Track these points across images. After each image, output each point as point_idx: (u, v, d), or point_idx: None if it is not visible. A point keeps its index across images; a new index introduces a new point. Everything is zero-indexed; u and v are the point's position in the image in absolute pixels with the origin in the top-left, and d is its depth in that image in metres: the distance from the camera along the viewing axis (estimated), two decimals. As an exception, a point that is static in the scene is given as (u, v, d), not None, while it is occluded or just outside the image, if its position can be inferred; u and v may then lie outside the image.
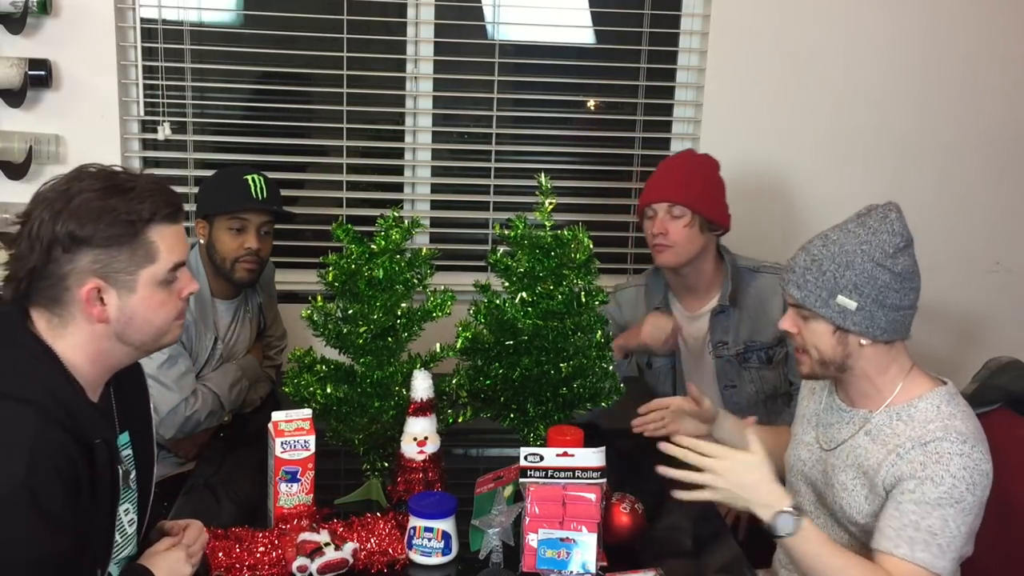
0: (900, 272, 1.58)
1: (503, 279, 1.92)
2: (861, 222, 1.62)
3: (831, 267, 1.59)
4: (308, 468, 1.74)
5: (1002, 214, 3.12)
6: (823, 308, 1.59)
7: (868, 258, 1.57)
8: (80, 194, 1.34)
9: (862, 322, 1.59)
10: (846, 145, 3.03)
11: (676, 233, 2.30)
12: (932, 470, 1.54)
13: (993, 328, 3.14)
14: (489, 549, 1.65)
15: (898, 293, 1.58)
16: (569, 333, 1.88)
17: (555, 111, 3.06)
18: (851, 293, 1.57)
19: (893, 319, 1.60)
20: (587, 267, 1.89)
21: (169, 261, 1.40)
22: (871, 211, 1.63)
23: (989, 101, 3.04)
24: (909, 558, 1.53)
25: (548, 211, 1.89)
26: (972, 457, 1.55)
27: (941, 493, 1.53)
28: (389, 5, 2.90)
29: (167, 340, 1.46)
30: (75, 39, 2.68)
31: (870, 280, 1.57)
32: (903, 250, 1.59)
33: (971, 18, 2.98)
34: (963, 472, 1.53)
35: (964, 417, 1.60)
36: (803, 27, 2.94)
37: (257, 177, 2.26)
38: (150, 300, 1.39)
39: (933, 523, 1.53)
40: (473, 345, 1.93)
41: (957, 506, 1.53)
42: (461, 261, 3.12)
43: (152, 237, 1.38)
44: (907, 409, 1.63)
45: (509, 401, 1.94)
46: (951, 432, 1.56)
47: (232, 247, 2.25)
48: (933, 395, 1.63)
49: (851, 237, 1.60)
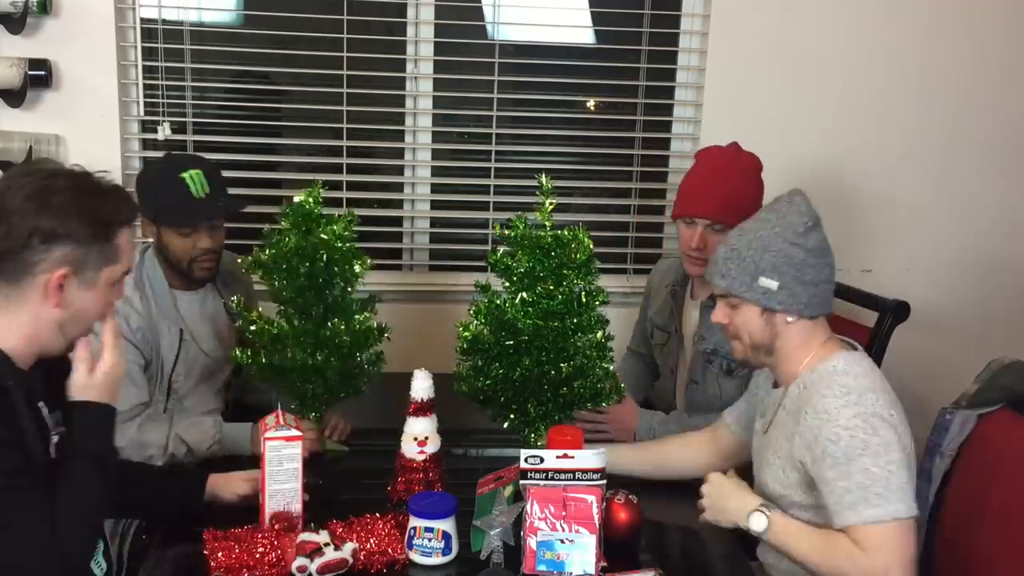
0: (813, 248, 1.68)
1: (503, 279, 1.92)
2: (771, 208, 1.73)
3: (749, 253, 1.69)
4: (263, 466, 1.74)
5: (1002, 215, 3.12)
6: (748, 292, 1.69)
7: (782, 239, 1.67)
8: (63, 191, 1.44)
9: (786, 299, 1.67)
10: (846, 145, 3.02)
11: (714, 249, 2.26)
12: (826, 431, 1.58)
13: (994, 328, 3.14)
14: (490, 549, 1.65)
15: (814, 268, 1.68)
16: (569, 333, 1.89)
17: (555, 111, 3.06)
18: (771, 274, 1.67)
19: (813, 294, 1.68)
20: (587, 267, 1.89)
21: (127, 264, 1.53)
22: (778, 199, 1.74)
23: (989, 101, 3.04)
24: (860, 521, 1.54)
25: (548, 211, 1.89)
26: (861, 404, 1.59)
27: (844, 448, 1.56)
28: (389, 5, 2.90)
29: (83, 334, 1.55)
30: (75, 39, 2.68)
31: (787, 259, 1.67)
32: (812, 228, 1.69)
33: (970, 19, 2.98)
34: (855, 420, 1.57)
35: (856, 375, 1.65)
36: (803, 27, 2.94)
37: (196, 173, 2.09)
38: (101, 297, 1.50)
39: (857, 479, 1.55)
40: (473, 345, 1.93)
41: (867, 452, 1.55)
42: (461, 261, 3.12)
43: (119, 240, 1.49)
44: (809, 375, 1.70)
45: (509, 401, 1.94)
46: (834, 387, 1.62)
47: (184, 249, 2.14)
48: (833, 357, 1.69)
49: (763, 224, 1.71)
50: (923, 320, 2.50)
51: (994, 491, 1.86)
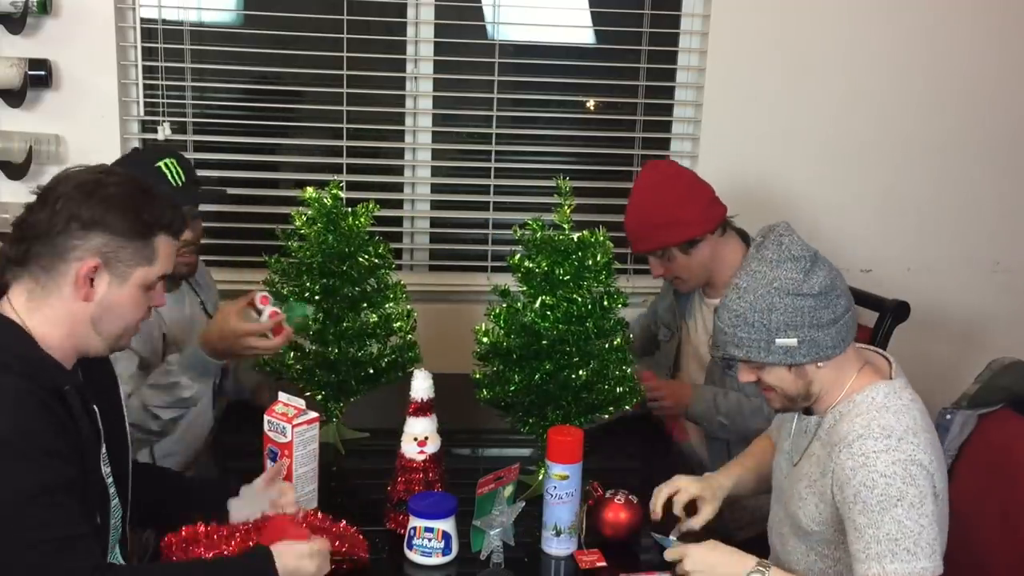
0: (820, 292, 1.57)
1: (521, 283, 1.88)
2: (760, 257, 1.60)
3: (755, 316, 1.57)
4: (285, 455, 1.75)
5: (1002, 215, 3.12)
6: (768, 356, 1.59)
7: (784, 293, 1.56)
8: (113, 185, 1.46)
9: (809, 351, 1.58)
10: (846, 146, 3.02)
11: (680, 269, 2.31)
12: (861, 475, 1.50)
13: (994, 329, 3.14)
14: (490, 549, 1.65)
15: (828, 309, 1.57)
16: (592, 337, 1.86)
17: (555, 111, 3.06)
18: (787, 332, 1.57)
19: (835, 333, 1.58)
20: (608, 270, 1.87)
21: (162, 270, 1.53)
22: (765, 240, 1.61)
23: (989, 103, 3.04)
24: (881, 573, 1.49)
25: (568, 214, 1.87)
26: (900, 450, 1.50)
27: (878, 496, 1.49)
28: (389, 5, 2.89)
29: (124, 342, 1.56)
30: (75, 39, 2.68)
31: (796, 312, 1.56)
32: (811, 271, 1.57)
33: (971, 21, 2.98)
34: (892, 468, 1.49)
35: (898, 411, 1.56)
36: (803, 27, 2.94)
37: (171, 161, 2.11)
38: (132, 297, 1.50)
39: (888, 529, 1.48)
40: (492, 350, 1.90)
41: (902, 503, 1.48)
42: (461, 261, 3.12)
43: (158, 244, 1.50)
44: (847, 406, 1.61)
45: (530, 406, 1.92)
46: (873, 429, 1.53)
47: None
48: (872, 388, 1.60)
49: (759, 279, 1.58)
50: (923, 320, 2.50)
51: (994, 491, 1.86)
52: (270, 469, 1.74)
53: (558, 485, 1.70)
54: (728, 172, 2.99)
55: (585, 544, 1.74)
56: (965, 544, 1.80)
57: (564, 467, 1.70)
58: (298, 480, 1.76)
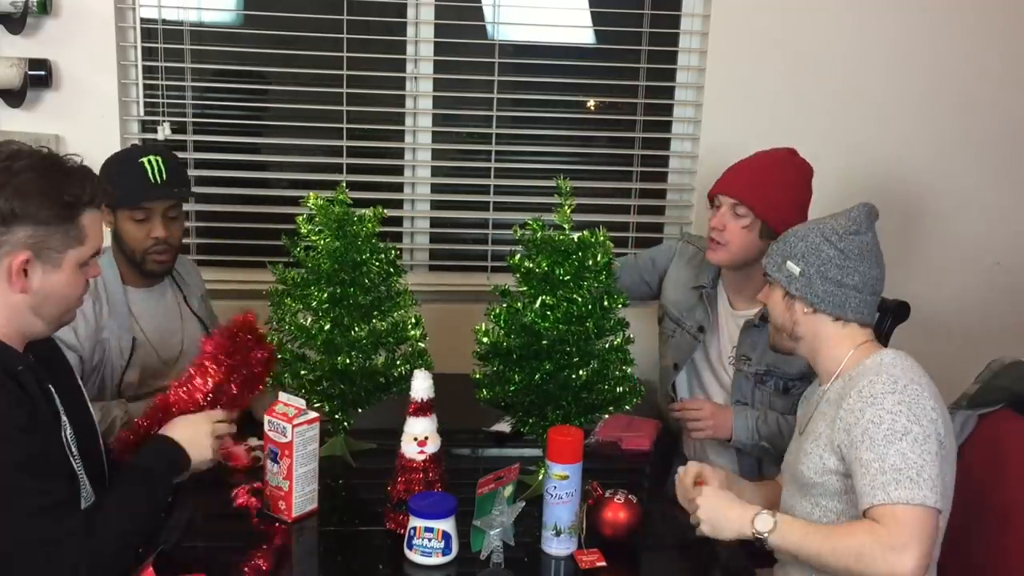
0: (844, 250, 1.73)
1: (521, 283, 1.88)
2: (838, 212, 1.80)
3: (791, 238, 1.79)
4: (286, 455, 1.75)
5: (1002, 215, 3.12)
6: (776, 272, 1.79)
7: (819, 233, 1.76)
8: (23, 172, 1.42)
9: (803, 288, 1.74)
10: (846, 145, 3.02)
11: (733, 233, 2.20)
12: (870, 412, 1.60)
13: (994, 329, 3.14)
14: (490, 549, 1.65)
15: (840, 269, 1.72)
16: (592, 337, 1.86)
17: (555, 111, 3.05)
18: (798, 260, 1.75)
19: (832, 292, 1.72)
20: (608, 269, 1.87)
21: (93, 247, 1.52)
22: (852, 207, 1.80)
23: (989, 101, 3.04)
24: (888, 501, 1.53)
25: (568, 214, 1.87)
26: (906, 392, 1.61)
27: (885, 431, 1.57)
28: (389, 5, 2.89)
29: (69, 317, 1.58)
30: (75, 39, 2.68)
31: (815, 251, 1.74)
32: (855, 234, 1.74)
33: (971, 18, 2.97)
34: (898, 407, 1.59)
35: (905, 368, 1.67)
36: (803, 27, 2.94)
37: (155, 158, 2.11)
38: (68, 279, 1.49)
39: (893, 460, 1.55)
40: (492, 351, 1.90)
41: (907, 437, 1.56)
42: (461, 261, 3.12)
43: (84, 221, 1.48)
44: (854, 371, 1.72)
45: (531, 407, 1.92)
46: (882, 375, 1.64)
47: (139, 238, 2.12)
48: (882, 353, 1.72)
49: (817, 220, 1.80)
50: (923, 320, 2.50)
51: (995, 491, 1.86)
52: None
53: (558, 485, 1.70)
54: (728, 172, 3.00)
55: (585, 544, 1.74)
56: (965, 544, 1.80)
57: (564, 467, 1.70)
58: (298, 480, 1.76)
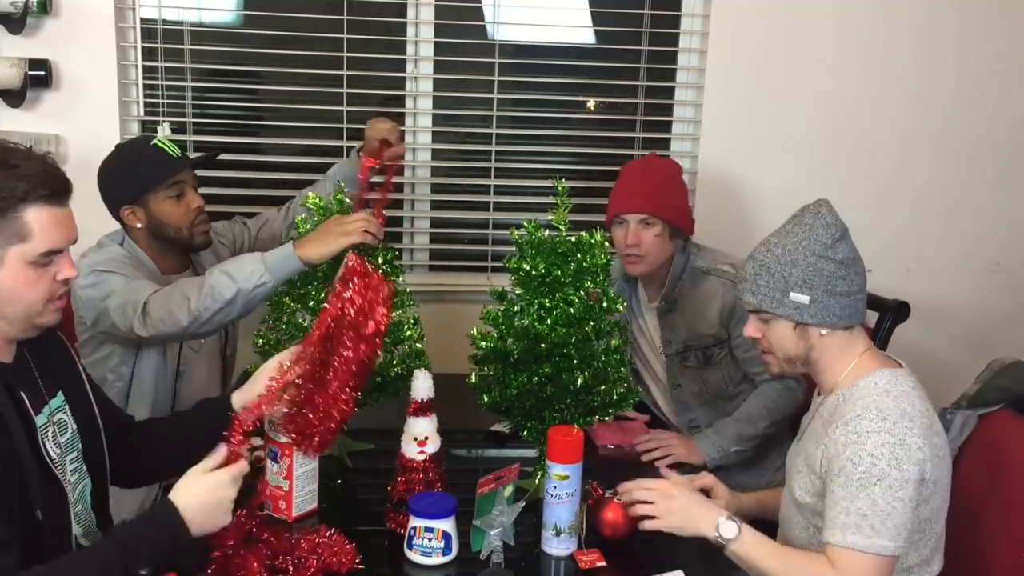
0: (842, 260, 1.66)
1: (517, 285, 1.88)
2: (797, 221, 1.70)
3: (778, 268, 1.67)
4: (286, 455, 1.75)
5: (1002, 215, 3.12)
6: (779, 308, 1.67)
7: (810, 252, 1.65)
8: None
9: (818, 313, 1.65)
10: (846, 145, 3.03)
11: (648, 243, 2.32)
12: (851, 451, 1.56)
13: (994, 329, 3.14)
14: (490, 549, 1.65)
15: (844, 280, 1.66)
16: (591, 339, 1.85)
17: (555, 111, 3.06)
18: (802, 288, 1.65)
19: (845, 305, 1.66)
20: (605, 271, 1.86)
21: (43, 245, 1.43)
22: (804, 210, 1.71)
23: (988, 102, 3.04)
24: (843, 543, 1.54)
25: (564, 215, 1.87)
26: (893, 433, 1.55)
27: (861, 473, 1.54)
28: (389, 5, 2.90)
29: (41, 321, 1.49)
30: (75, 39, 2.68)
31: (816, 273, 1.65)
32: (840, 240, 1.67)
33: (970, 20, 2.98)
34: (881, 449, 1.54)
35: (899, 396, 1.61)
36: (803, 27, 2.94)
37: (163, 139, 2.17)
38: (17, 277, 1.43)
39: (860, 505, 1.53)
40: (492, 354, 1.89)
41: (881, 483, 1.53)
42: (461, 261, 3.12)
43: (26, 217, 1.41)
44: (850, 389, 1.66)
45: (530, 410, 1.91)
46: (871, 409, 1.58)
47: (180, 214, 2.16)
48: (877, 374, 1.66)
49: (790, 237, 1.68)
50: (923, 320, 2.50)
51: (995, 491, 1.86)
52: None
53: (558, 485, 1.69)
54: (728, 172, 3.00)
55: (585, 544, 1.74)
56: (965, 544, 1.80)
57: (564, 467, 1.69)
58: (298, 480, 1.76)
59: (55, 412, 1.56)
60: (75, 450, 1.59)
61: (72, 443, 1.58)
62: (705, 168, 3.00)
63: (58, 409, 1.57)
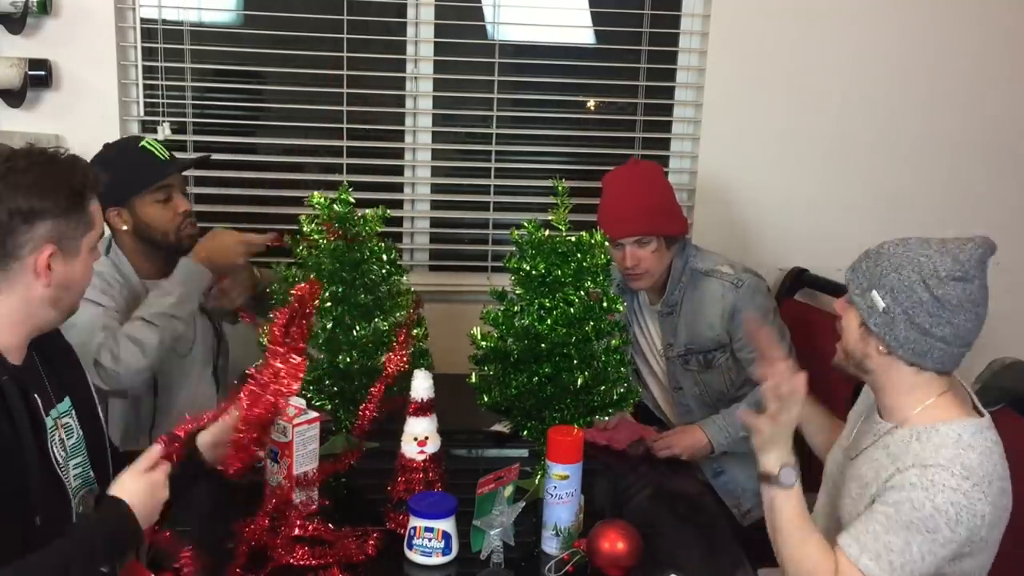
0: (941, 297, 1.55)
1: (517, 285, 1.87)
2: (942, 240, 1.60)
3: (884, 264, 1.59)
4: (286, 455, 1.75)
5: (1002, 215, 3.12)
6: (857, 296, 1.61)
7: (917, 270, 1.56)
8: (27, 170, 1.43)
9: (883, 325, 1.57)
10: (846, 145, 3.02)
11: (647, 261, 2.31)
12: (918, 495, 1.49)
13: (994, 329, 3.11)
14: (490, 549, 1.65)
15: (932, 317, 1.55)
16: (592, 339, 1.85)
17: (555, 111, 3.06)
18: (885, 293, 1.57)
19: (916, 340, 1.56)
20: (606, 271, 1.86)
21: (100, 228, 1.55)
22: (959, 238, 1.61)
23: (989, 104, 3.04)
24: (855, 559, 1.51)
25: (564, 216, 1.87)
26: (968, 495, 1.48)
27: (915, 518, 1.49)
28: (389, 5, 2.89)
29: (76, 304, 1.57)
30: (75, 39, 2.68)
31: (908, 290, 1.55)
32: (957, 280, 1.56)
33: (971, 22, 2.97)
34: (948, 507, 1.48)
35: (984, 453, 1.53)
36: (803, 27, 2.94)
37: (150, 140, 2.17)
38: (84, 265, 1.52)
39: (894, 541, 1.49)
40: (492, 354, 1.89)
41: (928, 536, 1.48)
42: (461, 261, 3.12)
43: (91, 206, 1.51)
44: (928, 431, 1.57)
45: (530, 410, 1.91)
46: (956, 464, 1.50)
47: (167, 218, 2.16)
48: (960, 423, 1.57)
49: (916, 248, 1.59)
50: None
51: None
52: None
53: (558, 485, 1.69)
54: (728, 172, 3.00)
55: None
56: (965, 544, 1.80)
57: (564, 467, 1.69)
58: (298, 481, 1.76)
59: (62, 416, 1.56)
60: (79, 455, 1.59)
61: (77, 448, 1.58)
62: (705, 168, 3.00)
63: (64, 413, 1.57)
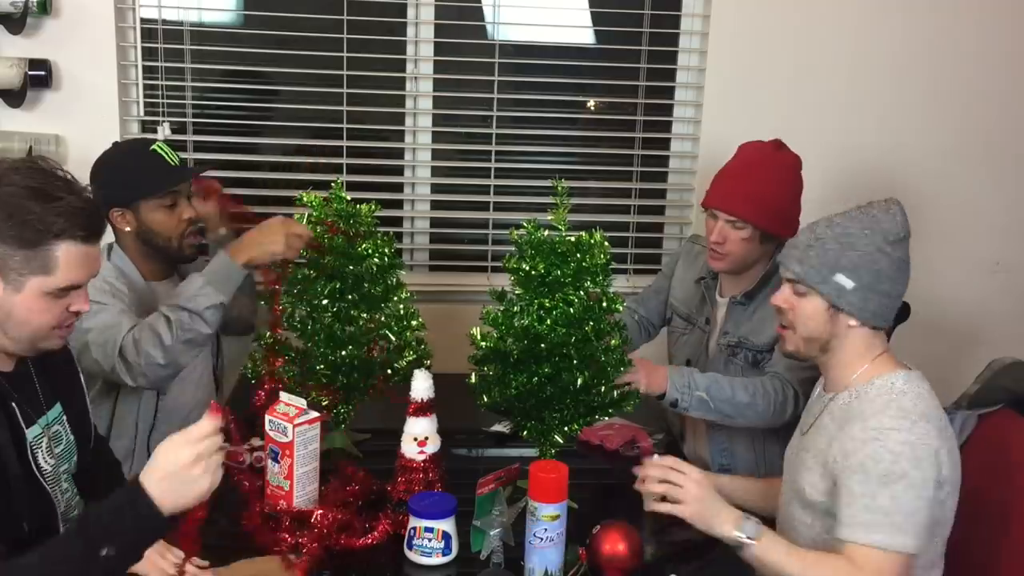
0: (896, 261, 1.65)
1: (516, 285, 1.87)
2: (865, 210, 1.69)
3: (834, 246, 1.65)
4: (287, 455, 1.75)
5: (1002, 215, 3.12)
6: (822, 284, 1.66)
7: (870, 242, 1.64)
8: (9, 186, 1.38)
9: (856, 303, 1.65)
10: (847, 146, 3.02)
11: (734, 244, 2.22)
12: (871, 448, 1.55)
13: (994, 329, 3.14)
14: (490, 549, 1.65)
15: (891, 281, 1.66)
16: (592, 339, 1.85)
17: (555, 111, 3.05)
18: (850, 273, 1.64)
19: (883, 305, 1.66)
20: (606, 272, 1.85)
21: (65, 280, 1.43)
22: (873, 204, 1.71)
23: (992, 102, 3.04)
24: (866, 541, 1.53)
25: (564, 216, 1.86)
26: (913, 431, 1.56)
27: (882, 470, 1.54)
28: (389, 5, 2.89)
29: (44, 345, 1.49)
30: (75, 39, 2.68)
31: (870, 263, 1.64)
32: (902, 241, 1.67)
33: (972, 21, 2.97)
34: (902, 447, 1.54)
35: (916, 397, 1.62)
36: (803, 27, 2.94)
37: (161, 144, 2.13)
38: (32, 305, 1.43)
39: (883, 502, 1.53)
40: (492, 354, 1.88)
41: (902, 481, 1.53)
42: (461, 261, 3.12)
43: (56, 252, 1.41)
44: (865, 388, 1.67)
45: (530, 410, 1.91)
46: (891, 407, 1.59)
47: (171, 224, 2.13)
48: (892, 375, 1.66)
49: (855, 222, 1.67)
50: (923, 320, 2.49)
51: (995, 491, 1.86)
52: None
53: (548, 527, 1.57)
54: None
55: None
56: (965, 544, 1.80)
57: (553, 507, 1.57)
58: (299, 480, 1.76)
59: (52, 423, 1.55)
60: (70, 462, 1.58)
61: (67, 454, 1.57)
62: (705, 168, 2.99)
63: (55, 420, 1.56)
